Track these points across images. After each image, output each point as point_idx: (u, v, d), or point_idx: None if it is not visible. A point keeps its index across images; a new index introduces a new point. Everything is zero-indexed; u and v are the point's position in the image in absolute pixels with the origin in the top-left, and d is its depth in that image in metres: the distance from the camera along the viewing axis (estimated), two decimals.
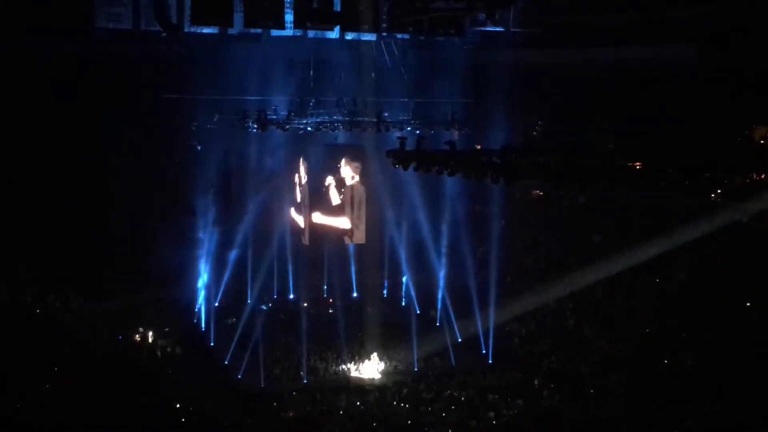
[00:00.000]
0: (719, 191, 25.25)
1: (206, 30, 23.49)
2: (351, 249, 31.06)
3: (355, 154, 28.20)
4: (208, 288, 29.21)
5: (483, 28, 25.65)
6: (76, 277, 26.11)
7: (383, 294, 31.66)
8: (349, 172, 27.87)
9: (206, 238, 29.44)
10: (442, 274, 29.61)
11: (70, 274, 26.07)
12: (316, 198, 28.62)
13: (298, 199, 29.41)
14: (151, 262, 27.16)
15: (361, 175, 27.80)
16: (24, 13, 23.44)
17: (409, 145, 19.04)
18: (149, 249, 27.27)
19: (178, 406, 21.90)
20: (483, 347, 26.92)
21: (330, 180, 28.15)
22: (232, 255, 29.82)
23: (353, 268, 31.70)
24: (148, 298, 28.05)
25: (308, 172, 28.97)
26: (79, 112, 26.16)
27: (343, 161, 27.84)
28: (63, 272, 26.04)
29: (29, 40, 23.85)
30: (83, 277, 26.14)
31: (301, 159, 29.03)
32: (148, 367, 24.61)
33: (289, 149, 29.12)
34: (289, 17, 23.06)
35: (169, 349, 26.14)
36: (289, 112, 26.71)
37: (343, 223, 27.96)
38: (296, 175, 29.42)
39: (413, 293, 30.33)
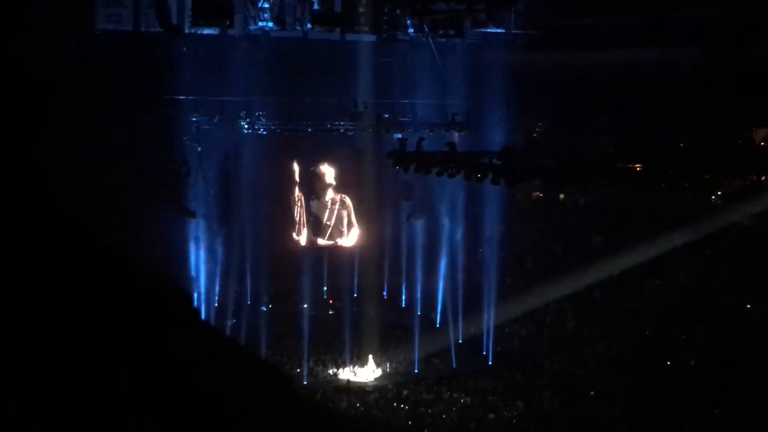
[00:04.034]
0: (719, 193, 25.22)
1: (207, 31, 23.49)
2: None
3: (347, 155, 28.33)
4: (207, 289, 29.14)
5: (484, 30, 25.58)
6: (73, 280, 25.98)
7: (383, 295, 31.58)
8: (338, 174, 28.08)
9: (206, 239, 29.35)
10: (442, 275, 29.55)
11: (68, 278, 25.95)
12: (309, 202, 28.96)
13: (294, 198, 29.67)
14: (150, 263, 26.99)
15: (353, 176, 27.97)
16: (25, 14, 23.40)
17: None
18: (148, 251, 27.13)
19: None
20: (483, 349, 26.88)
21: (322, 182, 28.45)
22: (232, 256, 29.75)
23: (355, 270, 31.63)
24: None
25: (302, 174, 29.24)
26: (78, 113, 26.08)
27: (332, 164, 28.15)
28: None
29: (29, 41, 23.78)
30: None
31: (296, 162, 29.17)
32: None
33: (288, 151, 29.12)
34: (289, 18, 23.12)
35: None
36: (289, 113, 26.69)
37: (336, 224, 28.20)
38: (293, 178, 29.59)
39: (419, 294, 30.22)
